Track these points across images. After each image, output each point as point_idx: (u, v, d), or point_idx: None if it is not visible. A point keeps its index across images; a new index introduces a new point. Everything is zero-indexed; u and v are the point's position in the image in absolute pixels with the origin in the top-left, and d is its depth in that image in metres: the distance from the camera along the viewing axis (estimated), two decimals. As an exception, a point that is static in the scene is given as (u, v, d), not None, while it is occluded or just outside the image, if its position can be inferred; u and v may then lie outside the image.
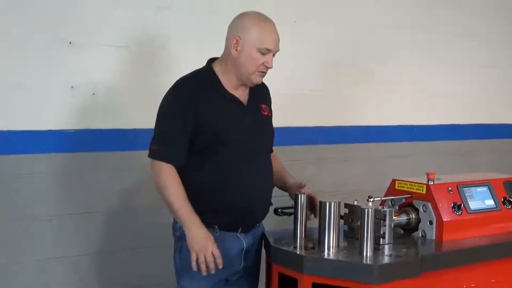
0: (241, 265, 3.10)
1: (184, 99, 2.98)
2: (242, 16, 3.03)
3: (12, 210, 3.48)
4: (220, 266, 2.94)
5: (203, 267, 2.92)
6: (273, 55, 3.03)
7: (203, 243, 2.91)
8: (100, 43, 3.66)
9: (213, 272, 2.93)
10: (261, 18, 3.02)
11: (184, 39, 3.89)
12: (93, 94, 3.66)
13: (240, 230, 3.07)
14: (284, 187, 3.27)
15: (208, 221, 3.00)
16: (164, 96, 3.05)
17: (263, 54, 2.97)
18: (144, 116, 3.66)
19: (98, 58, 3.67)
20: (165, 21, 3.86)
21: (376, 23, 4.73)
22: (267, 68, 3.01)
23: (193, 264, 2.92)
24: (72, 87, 3.60)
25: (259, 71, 3.01)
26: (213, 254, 2.91)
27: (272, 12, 3.15)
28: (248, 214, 3.06)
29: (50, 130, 3.55)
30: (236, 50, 2.99)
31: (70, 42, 3.57)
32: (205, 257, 2.91)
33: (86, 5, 3.61)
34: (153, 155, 2.98)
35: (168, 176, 2.93)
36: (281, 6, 4.21)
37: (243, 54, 2.98)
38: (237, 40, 2.98)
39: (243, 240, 3.09)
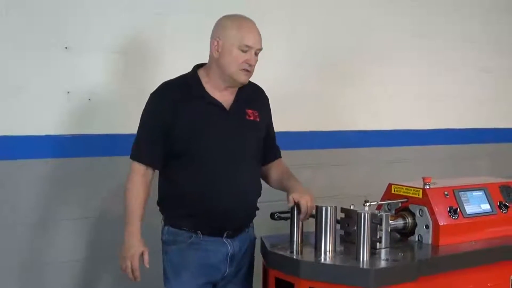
0: (227, 270, 3.08)
1: (161, 103, 3.01)
2: (221, 19, 3.06)
3: (8, 215, 3.47)
4: (137, 280, 2.99)
5: (125, 272, 2.99)
6: (256, 54, 3.01)
7: (126, 251, 2.98)
8: (96, 48, 3.66)
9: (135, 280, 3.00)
10: (239, 17, 3.03)
11: (180, 45, 3.89)
12: (89, 99, 3.66)
13: (225, 235, 3.05)
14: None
15: (190, 226, 3.02)
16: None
17: (244, 51, 2.97)
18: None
19: (94, 63, 3.67)
20: (161, 27, 3.86)
21: (374, 27, 4.73)
22: (250, 65, 2.99)
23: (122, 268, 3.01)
24: (68, 92, 3.60)
25: (242, 69, 2.99)
26: (132, 265, 2.97)
27: (268, 15, 3.16)
28: (230, 219, 3.03)
29: (46, 135, 3.55)
30: (217, 51, 3.00)
31: (66, 47, 3.57)
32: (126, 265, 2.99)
33: (82, 10, 3.61)
34: (131, 154, 3.06)
35: (135, 181, 3.00)
36: (277, 9, 4.21)
37: (224, 54, 2.98)
38: (217, 42, 3.00)
39: (229, 245, 3.06)
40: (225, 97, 3.06)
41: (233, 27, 2.98)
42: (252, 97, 3.16)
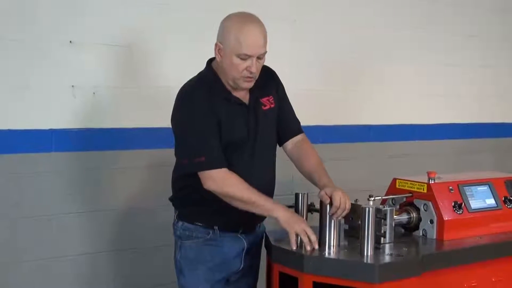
0: (242, 265, 3.10)
1: (200, 102, 2.92)
2: (224, 20, 2.97)
3: (15, 209, 3.48)
4: (315, 244, 2.89)
5: (305, 239, 2.88)
6: (260, 58, 2.93)
7: (297, 222, 2.90)
8: (101, 42, 3.66)
9: (315, 246, 2.89)
10: (241, 21, 2.92)
11: (185, 39, 3.89)
12: (94, 93, 3.66)
13: (241, 231, 3.06)
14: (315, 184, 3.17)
15: (207, 222, 3.01)
16: (178, 107, 2.98)
17: (243, 59, 2.89)
18: (144, 115, 3.66)
19: (99, 57, 3.67)
20: (166, 21, 3.86)
21: (376, 23, 4.73)
22: (251, 72, 2.91)
23: (293, 243, 2.89)
24: (72, 86, 3.60)
25: (243, 76, 2.92)
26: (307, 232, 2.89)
27: (272, 11, 3.14)
28: (248, 215, 3.01)
29: (51, 129, 3.55)
30: (220, 55, 2.94)
31: (70, 42, 3.57)
32: (305, 232, 2.88)
33: (86, 5, 3.61)
34: (206, 166, 2.89)
35: (233, 182, 2.91)
36: (280, 5, 4.21)
37: (225, 60, 2.92)
38: (219, 46, 2.94)
39: (244, 241, 3.08)
40: (241, 92, 3.01)
41: (232, 34, 2.88)
42: (264, 83, 3.08)
